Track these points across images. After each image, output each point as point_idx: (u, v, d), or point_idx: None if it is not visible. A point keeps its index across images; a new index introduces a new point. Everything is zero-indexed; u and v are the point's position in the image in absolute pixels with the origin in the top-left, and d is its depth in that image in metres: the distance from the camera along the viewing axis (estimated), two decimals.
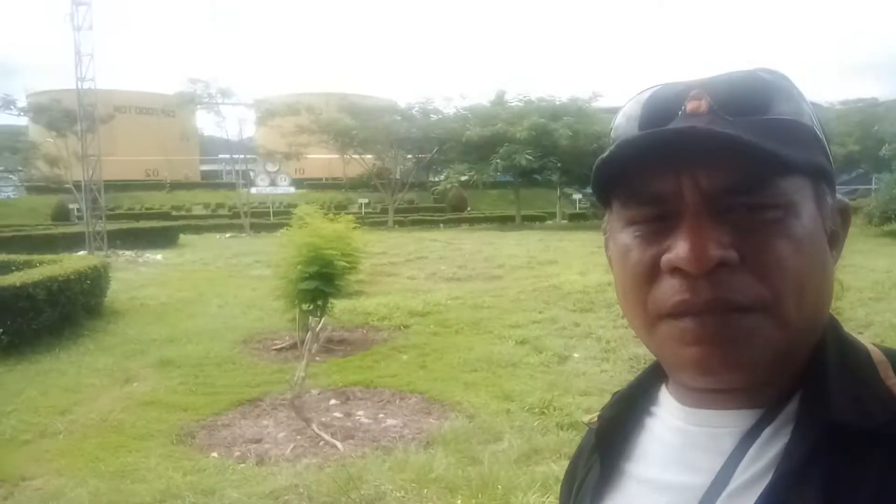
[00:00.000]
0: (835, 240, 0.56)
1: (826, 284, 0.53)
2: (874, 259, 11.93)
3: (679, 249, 0.49)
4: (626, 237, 0.55)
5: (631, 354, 6.20)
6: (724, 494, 0.51)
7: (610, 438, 0.63)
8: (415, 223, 28.42)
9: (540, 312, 8.26)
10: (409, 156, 31.06)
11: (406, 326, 7.77)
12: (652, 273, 0.52)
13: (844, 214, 0.57)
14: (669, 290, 0.51)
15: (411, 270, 12.71)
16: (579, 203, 31.40)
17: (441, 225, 28.04)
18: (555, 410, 4.74)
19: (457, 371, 5.94)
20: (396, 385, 5.56)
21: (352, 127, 28.38)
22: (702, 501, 0.52)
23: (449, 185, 28.51)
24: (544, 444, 4.16)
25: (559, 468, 3.75)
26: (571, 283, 9.90)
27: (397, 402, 5.20)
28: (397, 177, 30.84)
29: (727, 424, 0.54)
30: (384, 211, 30.42)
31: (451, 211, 32.52)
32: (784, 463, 0.49)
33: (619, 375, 5.65)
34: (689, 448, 0.56)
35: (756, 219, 0.50)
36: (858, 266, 10.06)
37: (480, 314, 8.33)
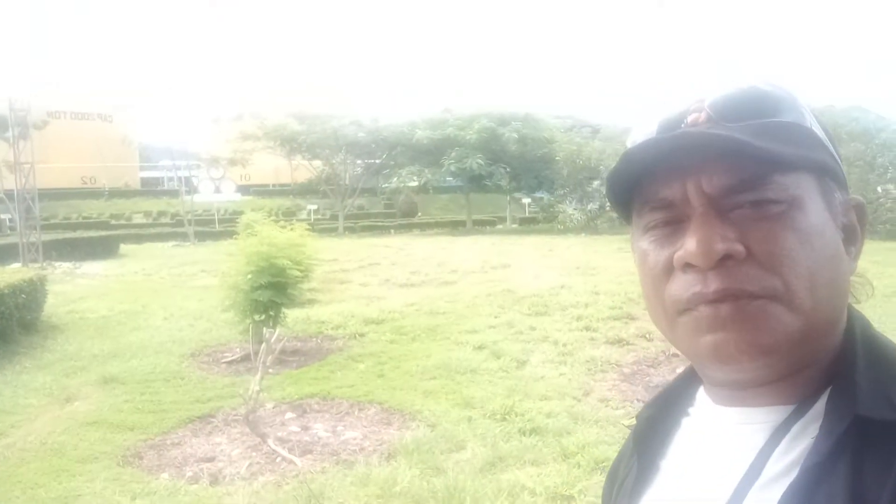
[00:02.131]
0: (851, 235, 0.58)
1: (839, 276, 0.55)
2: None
3: (688, 245, 0.53)
4: (644, 243, 0.59)
5: (587, 357, 6.25)
6: (754, 487, 0.53)
7: (647, 438, 0.66)
8: (365, 229, 28.19)
9: (496, 317, 8.26)
10: (359, 161, 30.78)
11: (361, 335, 7.65)
12: (667, 272, 0.56)
13: (860, 210, 0.60)
14: (683, 284, 0.54)
15: (364, 277, 12.56)
16: (529, 207, 31.76)
17: (392, 231, 27.92)
18: (516, 416, 4.72)
19: (415, 379, 5.86)
20: (354, 395, 5.43)
21: (299, 132, 27.96)
22: (734, 494, 0.53)
23: (401, 185, 28.37)
24: (508, 450, 4.13)
25: (524, 475, 3.72)
26: (525, 287, 9.97)
27: (356, 413, 5.08)
28: (347, 182, 30.50)
29: (758, 420, 0.56)
30: (334, 217, 30.05)
31: (402, 216, 32.37)
32: (812, 456, 0.50)
33: (577, 378, 5.68)
34: (722, 444, 0.58)
35: (760, 214, 0.53)
36: None
37: (437, 320, 8.27)
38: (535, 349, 6.70)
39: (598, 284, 10.00)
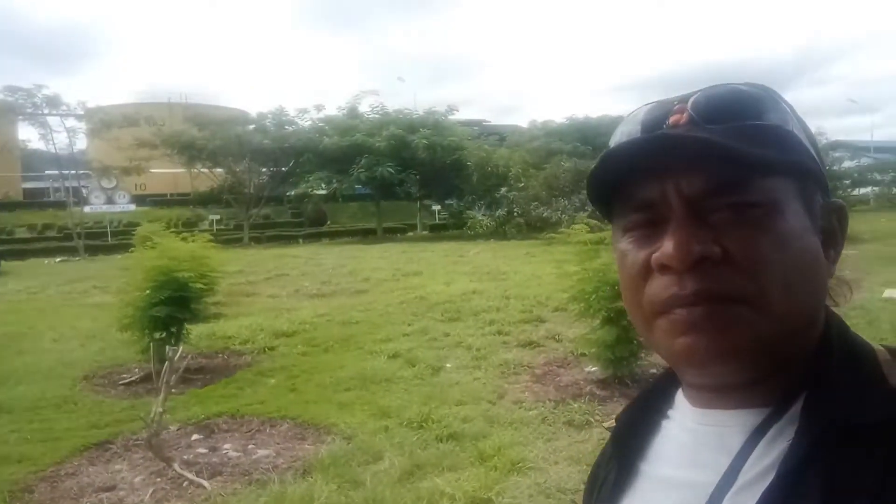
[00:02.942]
0: (831, 238, 0.58)
1: (816, 280, 0.55)
2: None
3: (665, 247, 0.53)
4: (623, 244, 0.58)
5: (500, 361, 6.35)
6: (731, 491, 0.53)
7: (626, 440, 0.66)
8: (272, 239, 27.40)
9: (409, 325, 8.24)
10: (264, 169, 29.89)
11: (271, 348, 7.42)
12: (645, 273, 0.56)
13: (841, 214, 0.60)
14: (660, 286, 0.54)
15: (272, 289, 12.21)
16: (439, 214, 32.01)
17: (300, 240, 27.30)
18: (433, 423, 4.72)
19: (329, 391, 5.74)
20: (265, 412, 5.25)
21: (199, 138, 26.83)
22: (711, 498, 0.53)
23: (309, 190, 27.77)
24: (426, 458, 4.12)
25: (443, 482, 3.72)
26: (438, 294, 10.02)
27: (268, 430, 4.91)
28: (251, 191, 29.53)
29: (735, 423, 0.56)
30: (238, 227, 29.03)
31: (311, 225, 31.74)
32: (788, 459, 0.50)
33: (492, 382, 5.76)
34: (699, 447, 0.58)
35: (738, 217, 0.53)
36: None
37: (349, 330, 8.15)
38: (449, 355, 6.74)
39: (509, 289, 10.21)
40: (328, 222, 33.40)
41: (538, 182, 21.79)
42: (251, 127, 28.19)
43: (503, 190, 22.86)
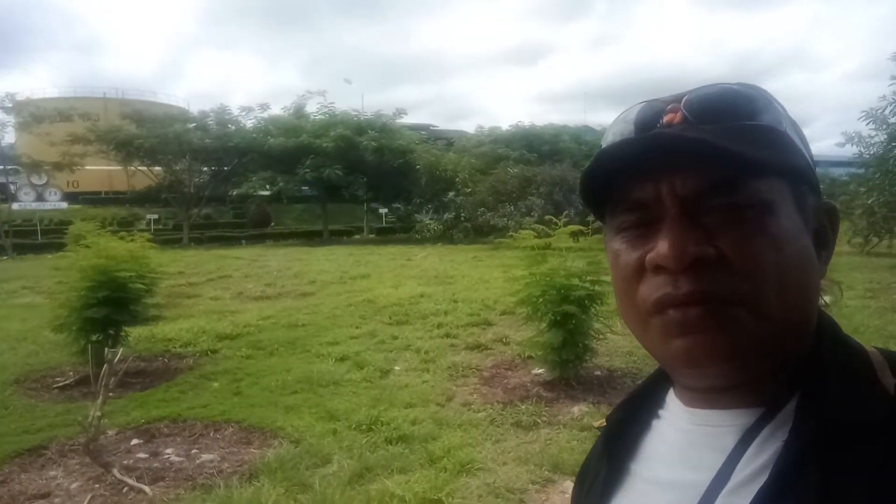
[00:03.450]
0: (822, 239, 0.59)
1: (809, 280, 0.55)
2: None
3: (660, 247, 0.52)
4: (616, 244, 0.58)
5: (449, 363, 6.39)
6: (724, 491, 0.52)
7: (617, 440, 0.65)
8: (213, 240, 26.70)
9: (357, 328, 8.19)
10: (205, 168, 29.09)
11: (214, 351, 7.24)
12: (639, 273, 0.55)
13: (832, 215, 0.60)
14: (654, 286, 0.54)
15: (214, 291, 11.91)
16: (386, 217, 31.87)
17: (243, 241, 26.72)
18: (382, 425, 4.71)
19: (276, 395, 5.65)
20: (209, 416, 5.12)
21: (136, 135, 25.91)
22: (703, 498, 0.53)
23: (251, 191, 27.17)
24: (375, 461, 4.11)
25: (393, 484, 3.72)
26: (386, 297, 9.99)
27: (211, 434, 4.80)
28: (192, 190, 28.69)
29: (728, 423, 0.56)
30: (178, 227, 28.15)
31: (254, 226, 31.07)
32: (781, 459, 0.50)
33: (440, 384, 5.79)
34: (692, 447, 0.57)
35: (732, 218, 0.52)
36: None
37: (296, 333, 8.04)
38: (397, 358, 6.73)
39: (457, 292, 10.27)
40: (272, 224, 32.78)
41: (485, 187, 21.99)
42: (192, 125, 27.38)
43: (451, 194, 22.96)
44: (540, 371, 5.84)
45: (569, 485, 3.72)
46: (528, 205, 20.05)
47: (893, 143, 14.92)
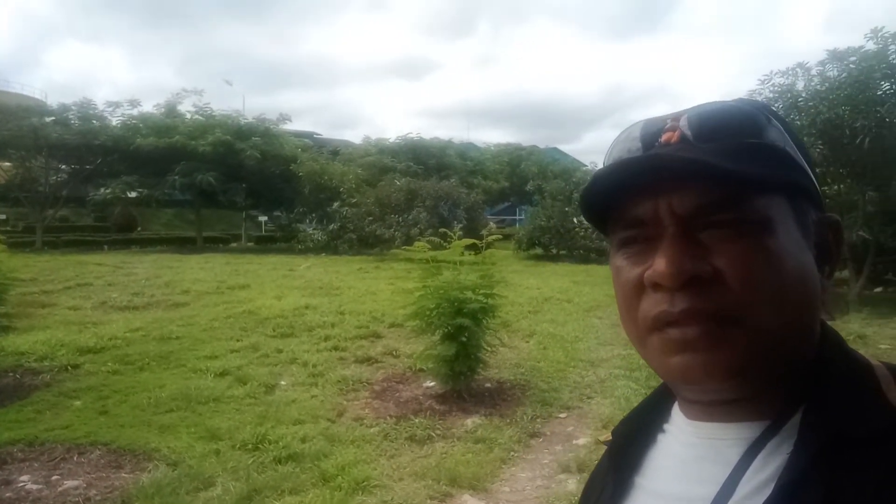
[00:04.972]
0: (825, 253, 0.59)
1: (808, 296, 0.55)
2: (526, 278, 14.12)
3: (657, 265, 0.53)
4: (618, 260, 0.59)
5: (338, 377, 6.22)
6: None
7: (623, 455, 0.65)
8: (71, 244, 24.42)
9: (238, 340, 7.78)
10: (64, 166, 26.60)
11: (75, 366, 6.58)
12: (639, 290, 0.56)
13: (835, 229, 0.60)
14: (652, 303, 0.55)
15: (73, 300, 10.85)
16: (265, 226, 30.73)
17: (105, 247, 24.66)
18: (270, 444, 4.47)
19: (148, 413, 5.21)
20: (71, 438, 4.63)
21: None
22: None
23: (111, 196, 25.13)
24: (263, 481, 3.89)
25: None
26: (268, 308, 9.58)
27: (75, 458, 4.32)
28: (47, 189, 26.12)
29: (732, 436, 0.56)
30: (30, 229, 25.52)
31: (118, 231, 28.77)
32: (786, 473, 0.50)
33: (330, 399, 5.61)
34: (697, 460, 0.58)
35: (730, 235, 0.53)
36: (515, 284, 11.77)
37: (169, 346, 7.49)
38: (283, 372, 6.46)
39: (343, 304, 10.05)
40: (139, 228, 30.59)
41: (371, 198, 21.82)
42: (50, 119, 25.00)
43: (336, 204, 22.55)
44: (432, 384, 5.82)
45: (467, 498, 3.71)
46: (414, 217, 20.13)
47: None
